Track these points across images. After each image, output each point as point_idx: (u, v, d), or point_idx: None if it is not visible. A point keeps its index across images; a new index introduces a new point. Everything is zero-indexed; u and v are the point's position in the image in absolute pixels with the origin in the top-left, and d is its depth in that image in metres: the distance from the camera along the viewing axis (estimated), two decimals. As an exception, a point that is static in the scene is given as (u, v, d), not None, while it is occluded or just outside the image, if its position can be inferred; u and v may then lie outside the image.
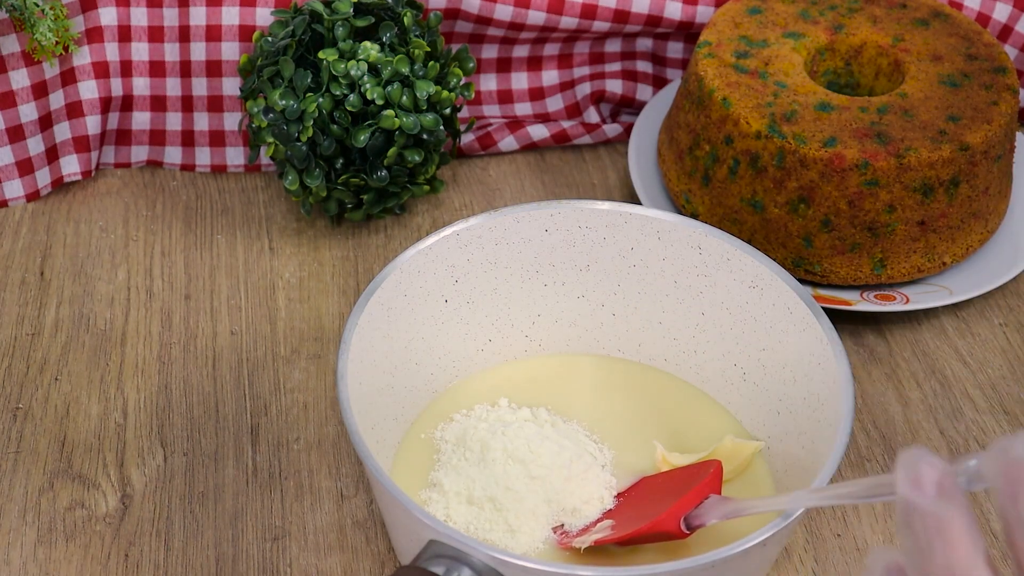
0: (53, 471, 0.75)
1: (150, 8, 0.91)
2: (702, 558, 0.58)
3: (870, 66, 0.90)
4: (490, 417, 0.74)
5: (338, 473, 0.76)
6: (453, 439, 0.73)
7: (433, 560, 0.58)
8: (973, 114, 0.83)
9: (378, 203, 0.89)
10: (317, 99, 0.83)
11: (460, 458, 0.71)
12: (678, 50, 1.01)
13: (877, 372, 0.83)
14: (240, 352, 0.83)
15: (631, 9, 0.95)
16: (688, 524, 0.65)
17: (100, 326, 0.84)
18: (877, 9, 0.91)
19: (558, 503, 0.70)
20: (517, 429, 0.72)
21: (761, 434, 0.74)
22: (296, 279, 0.88)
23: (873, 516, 0.74)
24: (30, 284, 0.87)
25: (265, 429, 0.78)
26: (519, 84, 1.01)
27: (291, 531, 0.73)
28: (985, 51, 0.88)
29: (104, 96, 0.93)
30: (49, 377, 0.81)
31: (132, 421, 0.78)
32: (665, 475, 0.71)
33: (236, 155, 0.96)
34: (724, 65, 0.86)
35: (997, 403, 0.81)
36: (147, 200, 0.94)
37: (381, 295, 0.71)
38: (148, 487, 0.75)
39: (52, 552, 0.71)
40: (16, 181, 0.92)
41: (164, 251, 0.89)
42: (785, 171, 0.82)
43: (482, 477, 0.70)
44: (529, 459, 0.71)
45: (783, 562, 0.72)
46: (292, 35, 0.85)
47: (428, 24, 0.88)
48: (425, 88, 0.84)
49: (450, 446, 0.73)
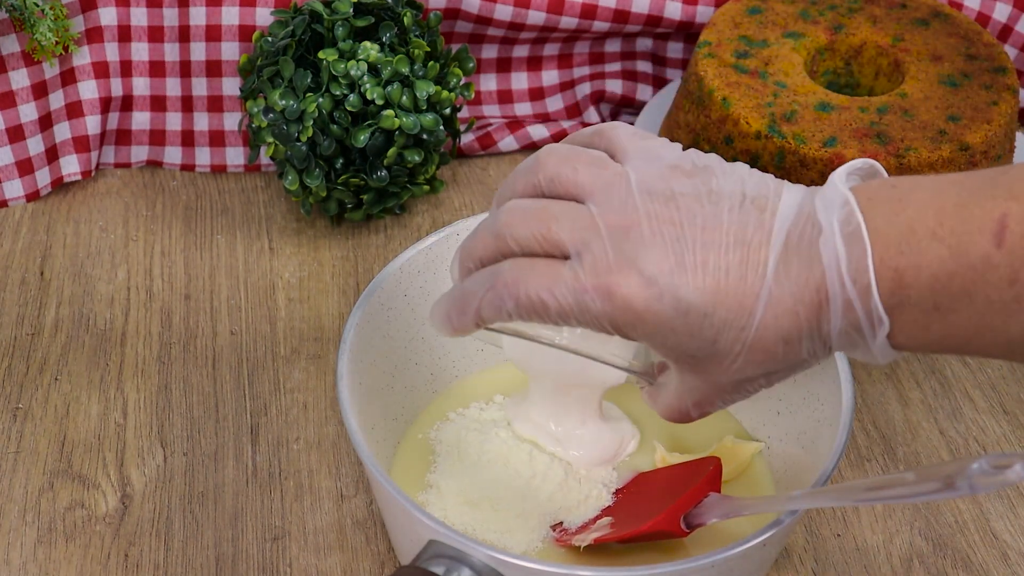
0: (53, 471, 0.75)
1: (150, 8, 0.91)
2: (702, 558, 0.58)
3: (870, 66, 0.90)
4: (483, 417, 0.74)
5: (338, 473, 0.76)
6: (449, 440, 0.73)
7: (433, 560, 0.58)
8: (973, 114, 0.83)
9: (378, 203, 0.89)
10: (317, 99, 0.83)
11: (456, 460, 0.71)
12: (678, 50, 1.01)
13: (877, 372, 0.83)
14: (240, 352, 0.83)
15: (631, 9, 0.95)
16: (688, 523, 0.65)
17: (100, 326, 0.84)
18: (877, 9, 0.91)
19: (556, 501, 0.70)
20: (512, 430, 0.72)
21: (761, 434, 0.74)
22: (296, 279, 0.88)
23: (873, 516, 0.74)
24: (30, 284, 0.87)
25: (265, 429, 0.78)
26: (519, 84, 1.01)
27: (291, 531, 0.73)
28: (985, 51, 0.88)
29: (104, 96, 0.93)
30: (49, 377, 0.81)
31: (132, 421, 0.78)
32: (664, 471, 0.71)
33: (236, 155, 0.96)
34: (724, 65, 0.86)
35: (997, 403, 0.81)
36: (147, 200, 0.94)
37: (381, 295, 0.71)
38: (148, 487, 0.75)
39: (52, 552, 0.71)
40: (16, 181, 0.92)
41: (164, 251, 0.89)
42: (785, 171, 0.82)
43: (479, 479, 0.70)
44: (525, 459, 0.71)
45: (783, 562, 0.72)
46: (292, 35, 0.85)
47: (428, 24, 0.88)
48: (425, 88, 0.84)
49: (445, 447, 0.73)
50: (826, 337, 0.53)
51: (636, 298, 0.52)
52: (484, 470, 0.70)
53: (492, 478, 0.70)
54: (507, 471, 0.71)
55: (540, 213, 0.55)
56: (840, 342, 0.53)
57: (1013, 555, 0.73)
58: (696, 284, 0.52)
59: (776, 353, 0.53)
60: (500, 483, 0.70)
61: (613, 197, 0.54)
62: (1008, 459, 0.50)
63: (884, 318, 0.51)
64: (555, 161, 0.56)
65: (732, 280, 0.52)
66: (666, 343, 0.54)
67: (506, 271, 0.55)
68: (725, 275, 0.52)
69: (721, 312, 0.52)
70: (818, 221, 0.52)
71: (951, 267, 0.50)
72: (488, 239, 0.56)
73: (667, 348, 0.54)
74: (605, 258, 0.53)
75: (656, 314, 0.52)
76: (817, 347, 0.53)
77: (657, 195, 0.53)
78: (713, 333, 0.53)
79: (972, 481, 0.51)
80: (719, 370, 0.54)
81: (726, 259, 0.52)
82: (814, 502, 0.61)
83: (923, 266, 0.50)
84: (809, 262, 0.52)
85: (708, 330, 0.53)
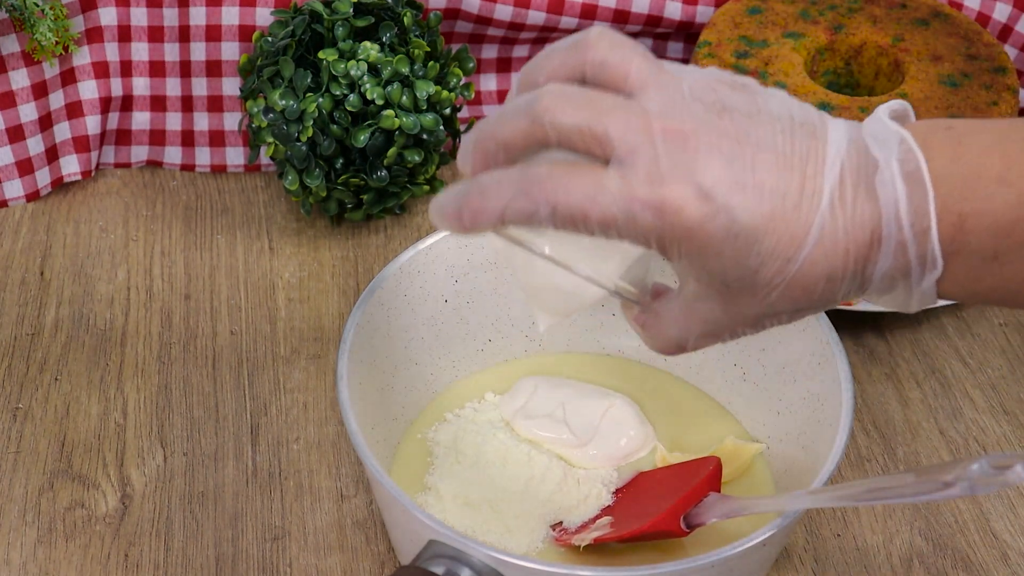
0: (53, 471, 0.75)
1: (150, 8, 0.91)
2: (702, 558, 0.58)
3: (870, 66, 0.90)
4: (479, 418, 0.74)
5: (338, 473, 0.76)
6: (446, 442, 0.73)
7: (433, 560, 0.58)
8: (973, 114, 0.83)
9: (378, 203, 0.89)
10: (317, 99, 0.83)
11: (454, 462, 0.71)
12: (678, 50, 1.01)
13: (877, 372, 0.83)
14: (240, 352, 0.83)
15: (631, 9, 0.95)
16: (688, 523, 0.65)
17: (100, 326, 0.84)
18: (877, 9, 0.91)
19: (556, 502, 0.70)
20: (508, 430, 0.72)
21: (761, 434, 0.74)
22: (296, 279, 0.88)
23: (873, 516, 0.74)
24: (30, 284, 0.87)
25: (265, 429, 0.78)
26: (519, 84, 1.00)
27: (291, 531, 0.73)
28: (985, 51, 0.88)
29: (104, 96, 0.93)
30: (49, 377, 0.81)
31: (132, 421, 0.78)
32: (663, 470, 0.71)
33: (236, 155, 0.96)
34: (724, 65, 0.86)
35: (997, 403, 0.81)
36: (147, 200, 0.94)
37: (381, 295, 0.71)
38: (148, 487, 0.75)
39: (52, 552, 0.71)
40: (16, 181, 0.92)
41: (164, 251, 0.89)
42: (785, 171, 0.82)
43: (478, 480, 0.70)
44: (524, 460, 0.71)
45: (783, 562, 0.72)
46: (292, 35, 0.85)
47: (428, 24, 0.88)
48: (425, 88, 0.84)
49: (443, 449, 0.72)
50: (868, 278, 0.50)
51: (691, 214, 0.48)
52: (482, 471, 0.70)
53: (490, 479, 0.70)
54: (505, 472, 0.71)
55: (590, 102, 0.49)
56: (880, 285, 0.50)
57: (1013, 555, 0.73)
58: (753, 206, 0.48)
59: (815, 290, 0.50)
60: (499, 484, 0.70)
61: (668, 98, 0.49)
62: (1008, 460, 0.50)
63: (940, 263, 0.49)
64: (607, 44, 0.50)
65: (788, 207, 0.48)
66: (707, 266, 0.50)
67: (543, 174, 0.49)
68: (782, 200, 0.48)
69: (771, 241, 0.48)
70: (874, 157, 0.49)
71: (1018, 213, 0.48)
72: (521, 122, 0.49)
73: (706, 271, 0.50)
74: (658, 167, 0.48)
75: (708, 234, 0.48)
76: (854, 287, 0.50)
77: (711, 105, 0.49)
78: (758, 262, 0.49)
79: (972, 482, 0.51)
80: (751, 302, 0.51)
81: (785, 183, 0.48)
82: (814, 502, 0.61)
83: (987, 212, 0.48)
84: (866, 199, 0.49)
85: (754, 258, 0.49)
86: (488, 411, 0.75)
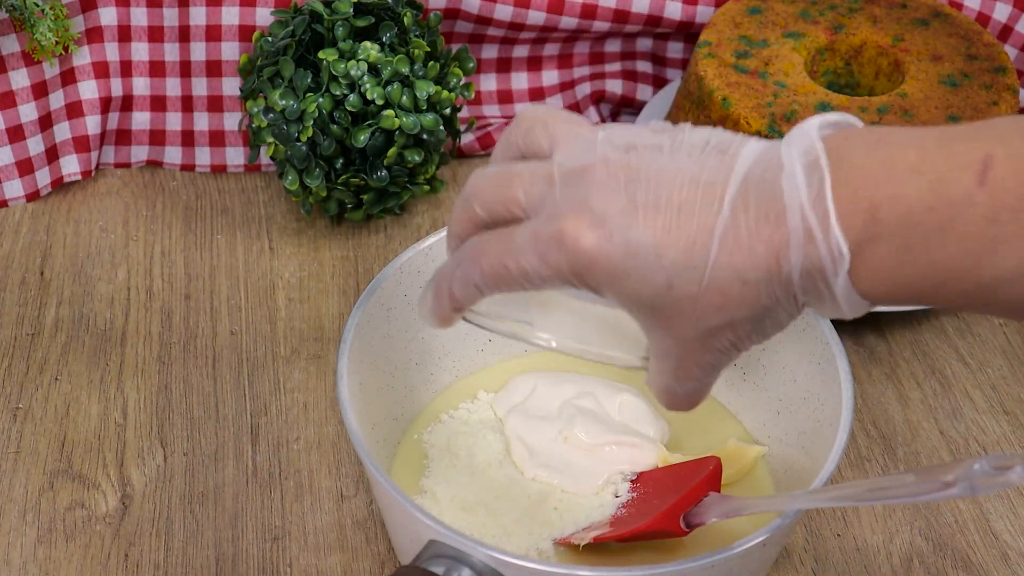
0: (53, 471, 0.75)
1: (150, 8, 0.91)
2: (702, 558, 0.58)
3: (870, 66, 0.90)
4: (472, 419, 0.74)
5: (338, 473, 0.76)
6: (440, 444, 0.73)
7: (433, 560, 0.58)
8: (973, 114, 0.83)
9: (378, 203, 0.89)
10: (317, 99, 0.83)
11: (448, 464, 0.71)
12: (678, 50, 1.01)
13: (877, 372, 0.83)
14: (240, 352, 0.83)
15: (631, 9, 0.95)
16: (688, 522, 0.65)
17: (100, 326, 0.84)
18: (877, 9, 0.91)
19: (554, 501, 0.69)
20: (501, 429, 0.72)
21: (761, 434, 0.74)
22: (296, 279, 0.88)
23: (873, 516, 0.74)
24: (30, 284, 0.87)
25: (265, 429, 0.78)
26: (519, 84, 1.00)
27: (291, 531, 0.73)
28: (985, 51, 0.88)
29: (104, 96, 0.93)
30: (49, 377, 0.81)
31: (132, 421, 0.78)
32: (663, 470, 0.71)
33: (236, 155, 0.96)
34: (724, 65, 0.86)
35: (997, 403, 0.81)
36: (147, 200, 0.94)
37: (381, 295, 0.71)
38: (148, 487, 0.75)
39: (52, 552, 0.71)
40: (16, 181, 0.92)
41: (164, 251, 0.89)
42: (785, 171, 0.82)
43: (473, 484, 0.70)
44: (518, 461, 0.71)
45: (783, 562, 0.72)
46: (292, 35, 0.85)
47: (428, 24, 0.88)
48: (425, 88, 0.84)
49: (437, 451, 0.72)
50: (787, 280, 0.50)
51: (588, 239, 0.50)
52: (477, 474, 0.70)
53: (485, 482, 0.70)
54: (500, 474, 0.70)
55: (503, 174, 0.54)
56: (803, 286, 0.50)
57: (1013, 555, 0.73)
58: (647, 222, 0.50)
59: (733, 295, 0.50)
60: (494, 487, 0.70)
61: (578, 148, 0.52)
62: (1009, 460, 0.50)
63: (845, 251, 0.49)
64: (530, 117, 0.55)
65: (683, 218, 0.50)
66: (624, 291, 0.51)
67: (469, 245, 0.54)
68: (677, 213, 0.50)
69: (671, 253, 0.50)
70: (781, 161, 0.50)
71: (929, 201, 0.48)
72: (459, 211, 0.55)
73: (624, 297, 0.52)
74: (556, 205, 0.51)
75: (608, 256, 0.50)
76: (778, 291, 0.51)
77: (619, 146, 0.52)
78: (665, 277, 0.50)
79: (973, 482, 0.51)
80: (685, 322, 0.52)
81: (679, 197, 0.50)
82: (814, 502, 0.61)
83: (901, 198, 0.48)
84: (770, 198, 0.50)
85: (659, 273, 0.50)
86: (481, 410, 0.75)
